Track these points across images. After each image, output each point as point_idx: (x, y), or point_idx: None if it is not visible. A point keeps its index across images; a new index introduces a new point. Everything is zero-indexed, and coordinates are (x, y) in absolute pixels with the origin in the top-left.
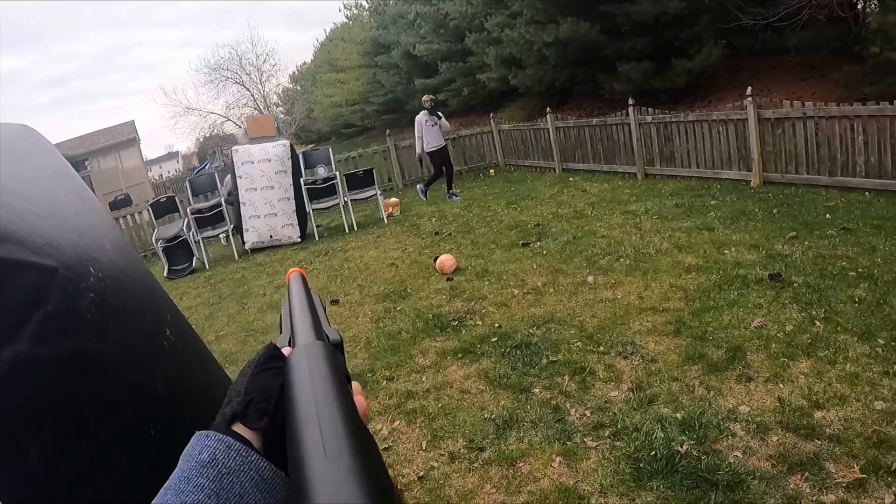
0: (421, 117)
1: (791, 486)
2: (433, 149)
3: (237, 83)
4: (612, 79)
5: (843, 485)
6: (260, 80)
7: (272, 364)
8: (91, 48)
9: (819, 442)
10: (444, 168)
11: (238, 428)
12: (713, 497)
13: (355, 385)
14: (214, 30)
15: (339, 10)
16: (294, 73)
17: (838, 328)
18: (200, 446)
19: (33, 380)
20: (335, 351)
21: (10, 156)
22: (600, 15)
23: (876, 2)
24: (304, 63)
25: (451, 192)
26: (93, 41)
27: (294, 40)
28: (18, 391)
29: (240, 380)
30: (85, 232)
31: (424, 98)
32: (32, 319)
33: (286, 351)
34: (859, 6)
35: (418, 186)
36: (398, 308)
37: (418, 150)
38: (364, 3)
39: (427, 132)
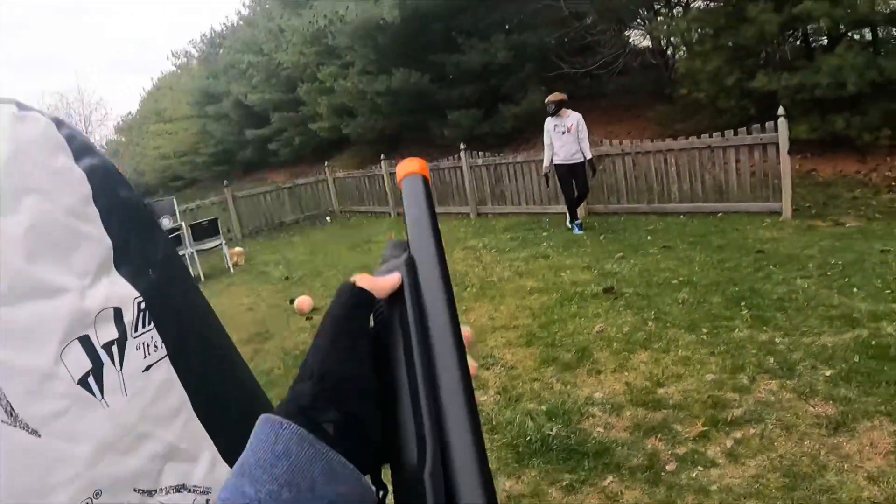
0: (549, 123)
1: (648, 446)
2: (562, 162)
3: None
4: (443, 124)
5: (691, 438)
6: (87, 130)
7: (351, 327)
8: None
9: (665, 411)
10: (574, 189)
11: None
12: (586, 463)
13: None
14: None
15: (167, 59)
16: (119, 123)
17: (668, 325)
18: (274, 436)
19: None
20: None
21: None
22: (430, 64)
23: (683, 49)
24: (129, 113)
25: (574, 219)
26: None
27: (118, 90)
28: None
29: (311, 351)
30: None
31: (548, 99)
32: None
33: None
34: (669, 52)
35: (571, 224)
36: (265, 348)
37: (545, 164)
38: (193, 52)
39: (558, 140)
